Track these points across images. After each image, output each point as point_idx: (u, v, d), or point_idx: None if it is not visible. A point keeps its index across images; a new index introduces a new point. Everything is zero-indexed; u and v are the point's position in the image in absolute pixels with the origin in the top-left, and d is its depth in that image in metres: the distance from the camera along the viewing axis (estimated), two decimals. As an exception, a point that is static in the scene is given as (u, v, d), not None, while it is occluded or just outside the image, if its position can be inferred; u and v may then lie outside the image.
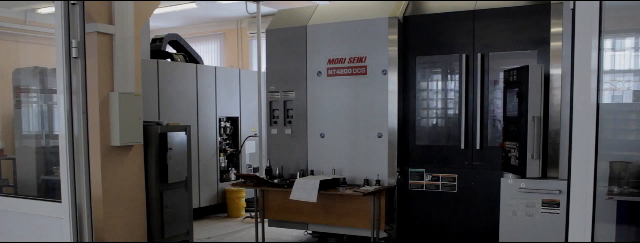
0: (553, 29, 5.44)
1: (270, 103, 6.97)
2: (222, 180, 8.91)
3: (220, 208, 8.90)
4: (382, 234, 6.10)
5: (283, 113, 6.85)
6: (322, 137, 6.59)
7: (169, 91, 8.00)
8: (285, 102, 6.84)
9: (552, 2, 5.45)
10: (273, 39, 6.93)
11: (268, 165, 6.71)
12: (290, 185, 6.15)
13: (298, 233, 7.17)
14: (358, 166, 6.39)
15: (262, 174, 7.09)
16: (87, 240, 3.58)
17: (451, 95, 6.08)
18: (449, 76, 6.12)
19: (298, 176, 6.40)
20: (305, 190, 5.92)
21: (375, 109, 6.28)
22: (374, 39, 6.27)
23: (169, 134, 6.39)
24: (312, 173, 6.54)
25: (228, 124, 9.10)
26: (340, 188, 6.00)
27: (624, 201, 4.68)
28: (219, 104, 8.87)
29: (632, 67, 5.24)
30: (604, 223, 5.23)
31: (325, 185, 5.94)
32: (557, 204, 5.24)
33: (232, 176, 9.05)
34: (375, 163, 6.28)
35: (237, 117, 9.27)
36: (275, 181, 6.34)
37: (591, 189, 2.33)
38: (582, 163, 2.35)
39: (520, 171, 5.17)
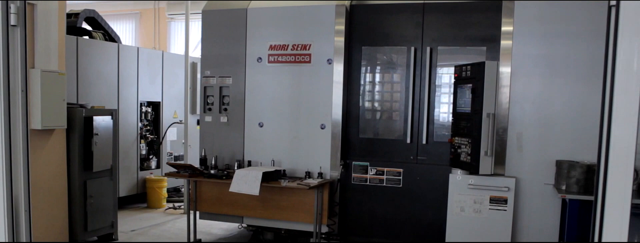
0: (504, 28, 5.44)
1: (204, 89, 6.55)
2: (142, 169, 8.36)
3: (139, 198, 8.36)
4: (324, 229, 5.92)
5: (219, 100, 6.47)
6: (261, 126, 6.28)
7: (89, 71, 7.36)
8: (221, 88, 6.46)
9: (503, 0, 5.45)
10: (209, 20, 6.51)
11: (203, 154, 6.30)
12: (229, 177, 5.81)
13: (229, 226, 6.84)
14: (299, 158, 6.15)
15: (189, 163, 6.67)
16: (24, 240, 3.10)
17: (397, 88, 5.96)
18: (396, 69, 5.99)
19: (236, 167, 6.06)
20: (246, 182, 5.60)
21: (318, 99, 6.06)
22: (320, 26, 6.04)
23: (95, 118, 5.84)
24: (249, 164, 6.22)
25: (149, 110, 8.55)
26: (282, 181, 5.73)
27: (573, 199, 4.76)
28: (140, 88, 8.29)
29: None
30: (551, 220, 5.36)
31: (266, 177, 5.65)
32: (505, 201, 5.27)
33: (153, 164, 8.53)
34: (317, 155, 6.06)
35: (159, 102, 8.72)
36: (212, 171, 5.96)
37: (629, 190, 2.23)
38: (622, 164, 2.24)
39: (472, 168, 5.15)
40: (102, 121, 5.94)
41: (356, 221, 6.04)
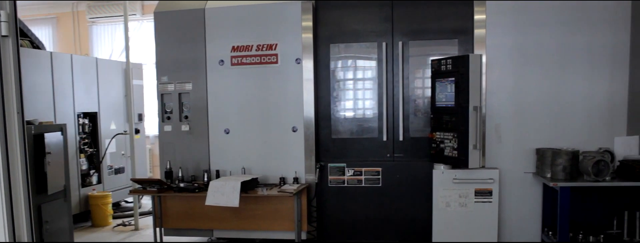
0: (477, 16, 5.42)
1: (161, 96, 6.10)
2: (84, 185, 7.71)
3: (82, 217, 7.69)
4: (304, 235, 5.66)
5: (178, 107, 6.04)
6: (227, 133, 5.93)
7: (23, 83, 6.63)
8: (180, 94, 6.04)
9: (474, -9, 5.44)
10: (163, 22, 6.06)
11: (168, 167, 5.86)
12: (202, 189, 5.43)
13: (197, 239, 6.41)
14: (271, 163, 5.85)
15: (157, 178, 6.20)
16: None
17: (369, 85, 5.80)
18: (367, 65, 5.82)
19: (205, 178, 5.69)
20: (223, 194, 5.25)
21: (288, 101, 5.79)
22: (286, 24, 5.77)
23: (46, 135, 5.25)
24: (217, 174, 5.85)
25: (86, 121, 7.90)
26: (259, 189, 5.43)
27: (564, 187, 4.79)
28: (76, 98, 7.63)
29: None
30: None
31: (242, 187, 5.32)
32: (490, 193, 5.26)
33: (94, 180, 7.90)
34: (290, 160, 5.80)
35: (96, 112, 8.08)
36: (182, 185, 5.55)
37: None
38: None
39: (460, 162, 5.08)
40: (53, 138, 5.35)
41: (336, 225, 5.83)
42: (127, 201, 8.94)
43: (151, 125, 10.29)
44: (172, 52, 6.00)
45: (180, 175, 5.74)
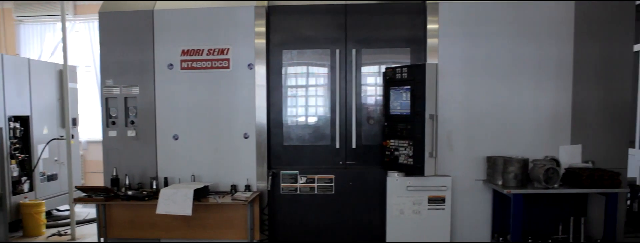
0: (430, 26, 5.51)
1: (106, 100, 5.83)
2: (15, 193, 7.27)
3: (13, 227, 7.25)
4: (257, 244, 5.57)
5: (124, 112, 5.80)
6: (176, 139, 5.74)
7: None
8: (126, 99, 5.80)
9: (427, 2, 5.52)
10: (108, 23, 5.78)
11: (114, 174, 5.61)
12: (152, 197, 5.22)
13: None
14: (221, 171, 5.71)
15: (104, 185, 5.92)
16: None
17: (322, 92, 5.77)
18: (320, 72, 5.78)
19: (154, 186, 5.49)
20: (175, 202, 5.07)
21: (240, 107, 5.68)
22: (239, 29, 5.65)
23: (-18, 140, 4.93)
24: (166, 181, 5.65)
25: (17, 125, 7.47)
26: (211, 197, 5.28)
27: (516, 194, 4.92)
28: (7, 101, 7.20)
29: None
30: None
31: (194, 195, 5.16)
32: (443, 200, 5.35)
33: (26, 187, 7.47)
34: (242, 167, 5.68)
35: (28, 116, 7.65)
36: (130, 193, 5.32)
37: None
38: None
39: (415, 170, 5.13)
40: (-11, 143, 5.04)
41: (289, 233, 5.76)
42: (59, 210, 8.51)
43: (85, 130, 9.89)
44: (118, 55, 5.75)
45: (127, 182, 5.51)
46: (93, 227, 7.43)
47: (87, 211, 8.28)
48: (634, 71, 5.47)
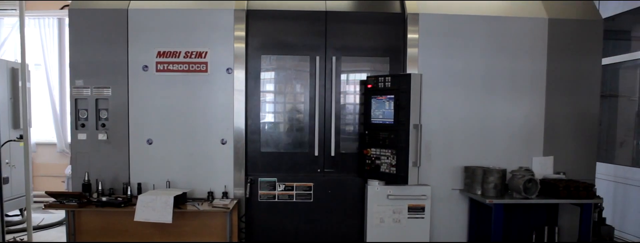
0: (410, 35, 5.57)
1: (75, 101, 5.57)
2: (-37, 197, 6.82)
3: (-39, 234, 6.81)
4: (235, 252, 5.46)
5: (95, 114, 5.55)
6: (150, 144, 5.55)
7: None
8: (97, 100, 5.55)
9: (407, 12, 5.57)
10: (79, 21, 5.52)
11: (86, 179, 5.35)
12: (128, 204, 5.03)
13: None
14: (198, 177, 5.57)
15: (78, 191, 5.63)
16: None
17: (301, 98, 5.73)
18: (299, 78, 5.74)
19: (129, 192, 5.29)
20: (154, 209, 4.90)
21: (217, 112, 5.56)
22: (217, 32, 5.52)
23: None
24: (139, 187, 5.45)
25: (-34, 125, 7.04)
26: (189, 204, 5.14)
27: (498, 203, 5.04)
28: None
29: None
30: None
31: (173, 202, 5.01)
32: (423, 209, 5.42)
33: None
34: (219, 173, 5.56)
35: (-22, 116, 7.23)
36: (104, 199, 5.10)
37: None
38: None
39: (398, 179, 5.18)
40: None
41: (267, 241, 5.68)
42: (8, 215, 8.06)
43: (37, 132, 9.43)
44: (89, 54, 5.49)
45: (99, 188, 5.28)
46: (49, 233, 7.10)
47: (42, 216, 7.88)
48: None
